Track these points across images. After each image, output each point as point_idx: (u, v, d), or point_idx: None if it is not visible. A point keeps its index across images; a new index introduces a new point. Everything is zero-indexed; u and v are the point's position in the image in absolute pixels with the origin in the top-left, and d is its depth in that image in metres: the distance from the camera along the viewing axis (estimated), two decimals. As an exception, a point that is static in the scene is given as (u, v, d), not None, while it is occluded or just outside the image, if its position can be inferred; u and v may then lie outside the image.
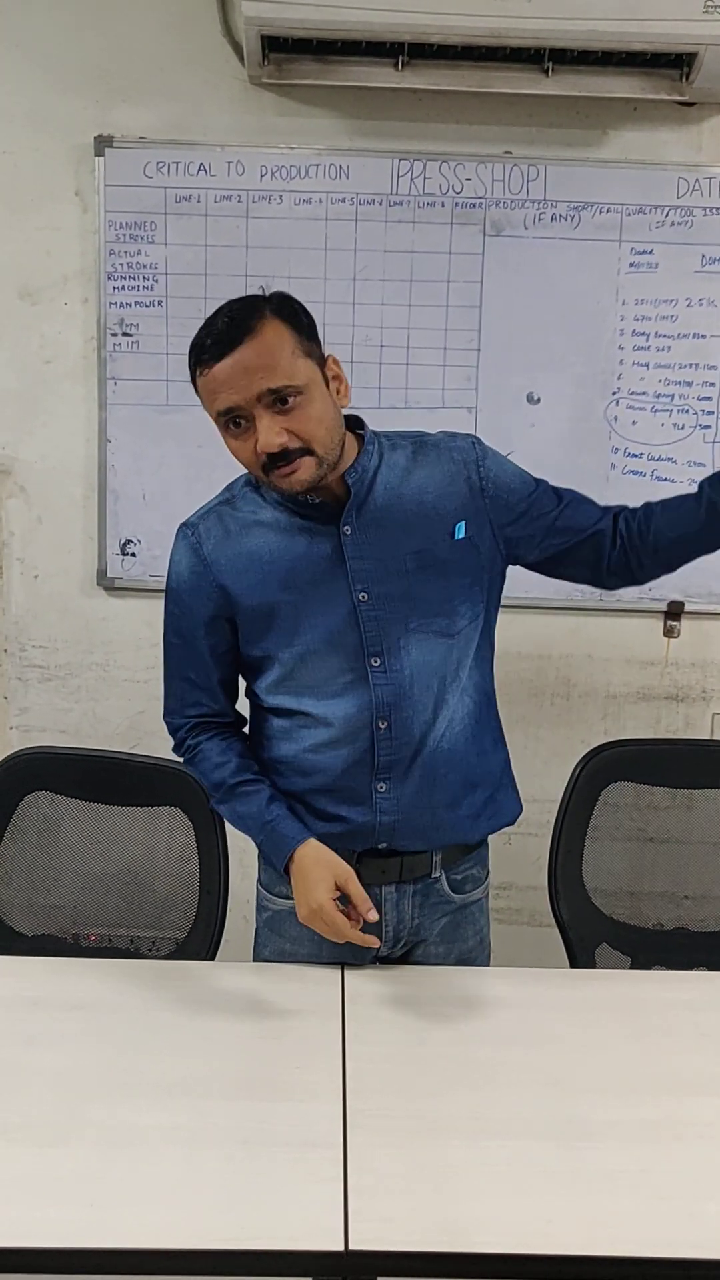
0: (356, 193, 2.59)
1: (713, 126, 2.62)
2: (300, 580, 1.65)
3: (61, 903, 2.02)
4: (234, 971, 1.76)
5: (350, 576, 1.64)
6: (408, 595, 1.64)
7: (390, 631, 1.65)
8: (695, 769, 2.13)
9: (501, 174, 2.59)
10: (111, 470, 2.71)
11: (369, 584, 1.64)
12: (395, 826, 1.69)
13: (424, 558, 1.64)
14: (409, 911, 1.75)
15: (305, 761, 1.70)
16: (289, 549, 1.65)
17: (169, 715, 1.81)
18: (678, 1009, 1.66)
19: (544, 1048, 1.54)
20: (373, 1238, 1.17)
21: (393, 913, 1.74)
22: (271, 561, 1.65)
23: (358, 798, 1.69)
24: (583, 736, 2.66)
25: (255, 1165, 1.28)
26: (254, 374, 1.49)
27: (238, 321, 1.51)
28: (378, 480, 1.65)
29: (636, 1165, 1.31)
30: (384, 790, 1.68)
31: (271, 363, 1.50)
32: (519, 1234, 1.19)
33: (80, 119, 2.59)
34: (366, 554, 1.64)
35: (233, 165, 2.58)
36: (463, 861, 1.77)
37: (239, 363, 1.50)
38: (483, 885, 1.83)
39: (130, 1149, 1.30)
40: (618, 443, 2.70)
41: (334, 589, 1.64)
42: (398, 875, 1.72)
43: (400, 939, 1.76)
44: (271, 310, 1.53)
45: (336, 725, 1.67)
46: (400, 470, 1.66)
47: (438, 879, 1.75)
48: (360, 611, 1.64)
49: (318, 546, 1.64)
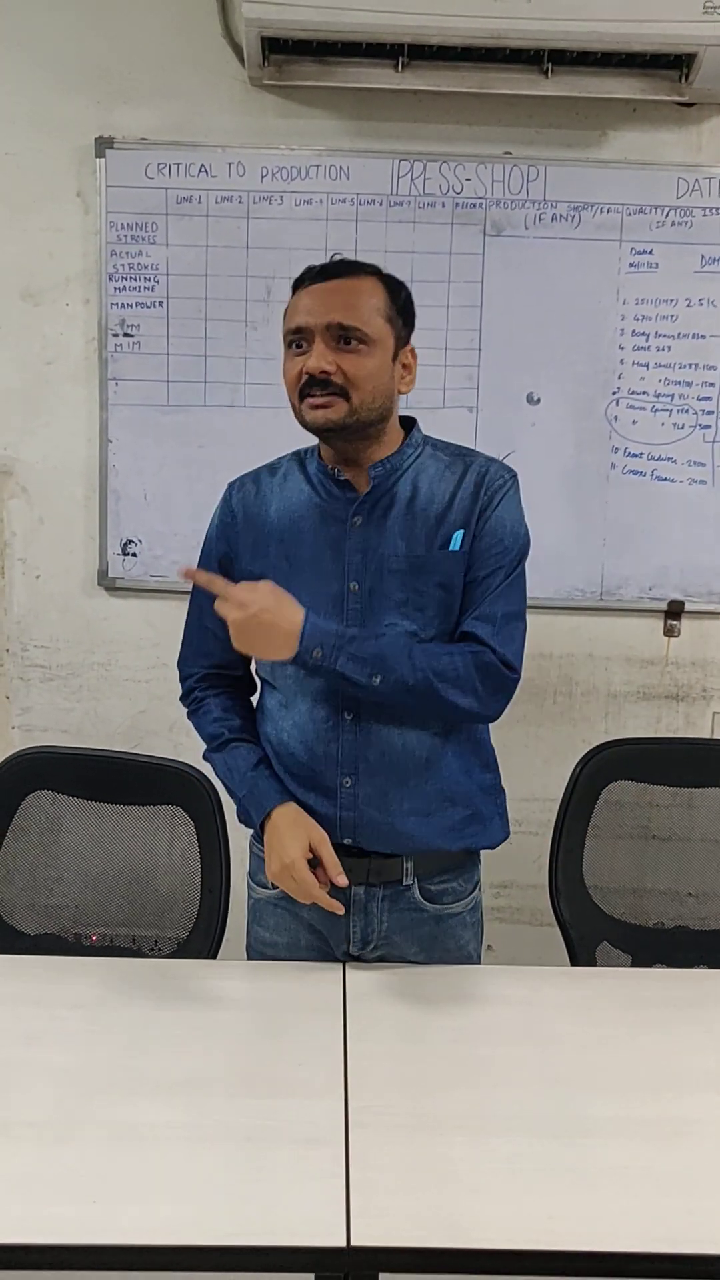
0: (357, 193, 2.60)
1: (712, 127, 2.62)
2: (300, 555, 1.69)
3: (63, 902, 2.02)
4: (235, 970, 1.77)
5: (346, 565, 1.67)
6: (389, 593, 1.67)
7: (370, 625, 1.67)
8: (696, 768, 2.13)
9: (501, 174, 2.59)
10: (113, 470, 2.72)
11: (361, 577, 1.67)
12: (357, 823, 1.70)
13: (411, 563, 1.67)
14: (378, 915, 1.75)
15: (281, 743, 1.73)
16: (300, 522, 1.70)
17: (182, 663, 1.86)
18: (678, 1006, 1.67)
19: (545, 1045, 1.55)
20: (375, 1233, 1.17)
21: (360, 914, 1.74)
22: (280, 528, 1.71)
23: (324, 788, 1.70)
24: (584, 735, 2.67)
25: (257, 1162, 1.28)
26: (332, 305, 1.59)
27: (345, 264, 1.65)
28: (402, 480, 1.69)
29: (637, 1161, 1.31)
30: (349, 785, 1.69)
31: (352, 302, 1.60)
32: (520, 1230, 1.19)
33: (81, 120, 2.60)
34: (367, 548, 1.67)
35: (233, 166, 2.59)
36: (440, 873, 1.77)
37: (326, 290, 1.61)
38: (466, 899, 1.80)
39: (133, 1146, 1.31)
40: (618, 442, 2.70)
41: (328, 573, 1.67)
42: (365, 877, 1.72)
43: (369, 941, 1.76)
44: (377, 275, 1.65)
45: (305, 709, 1.70)
46: (428, 477, 1.69)
47: (409, 886, 1.75)
48: (347, 601, 1.67)
49: (325, 529, 1.68)
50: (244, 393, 2.67)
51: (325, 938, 1.77)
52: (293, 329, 1.62)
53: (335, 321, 1.58)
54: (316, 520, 1.70)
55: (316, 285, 1.61)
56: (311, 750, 1.70)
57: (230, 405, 2.67)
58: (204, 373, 2.67)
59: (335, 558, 1.67)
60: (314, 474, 1.72)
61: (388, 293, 1.64)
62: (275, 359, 2.62)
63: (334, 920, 1.74)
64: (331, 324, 1.58)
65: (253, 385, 2.66)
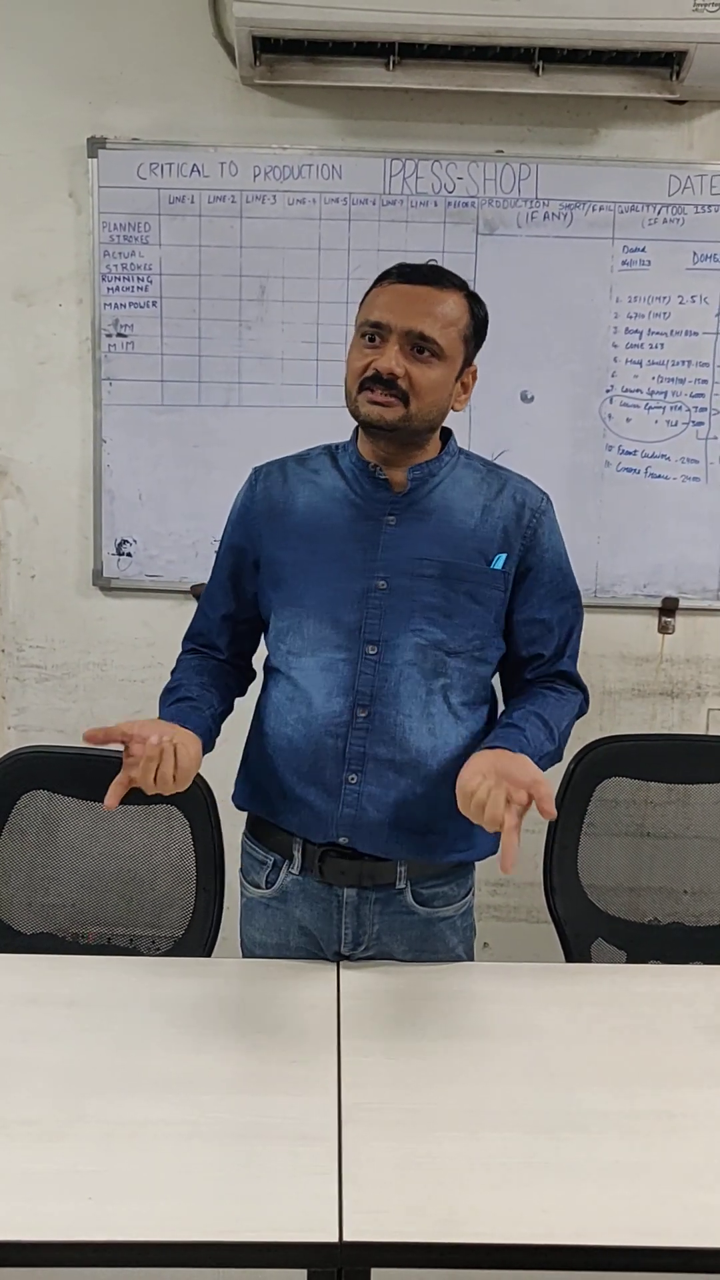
0: (349, 192, 2.60)
1: (703, 124, 2.63)
2: (327, 549, 1.69)
3: (60, 901, 2.03)
4: (230, 968, 1.77)
5: (376, 562, 1.68)
6: (418, 597, 1.67)
7: (392, 624, 1.67)
8: (690, 764, 2.13)
9: (493, 173, 2.60)
10: (107, 470, 2.72)
11: (390, 575, 1.67)
12: (356, 822, 1.69)
13: (444, 569, 1.68)
14: (369, 917, 1.75)
15: (284, 736, 1.73)
16: (331, 515, 1.70)
17: (184, 641, 1.87)
18: (672, 1002, 1.68)
19: (538, 1041, 1.55)
20: (367, 1229, 1.18)
21: (352, 916, 1.75)
22: (307, 519, 1.71)
23: (326, 784, 1.70)
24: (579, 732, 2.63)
25: (251, 1158, 1.29)
26: (415, 312, 1.60)
27: (440, 273, 1.65)
28: (439, 487, 1.71)
29: (630, 1156, 1.32)
30: (354, 781, 1.69)
31: (436, 313, 1.60)
32: (513, 1224, 1.20)
33: (73, 121, 2.60)
34: (398, 546, 1.68)
35: (226, 166, 2.60)
36: (432, 879, 1.77)
37: (416, 295, 1.61)
38: (458, 904, 1.80)
39: (128, 1143, 1.31)
40: (612, 440, 2.71)
41: (355, 568, 1.68)
42: (357, 880, 1.73)
43: (360, 942, 1.76)
44: (464, 291, 1.66)
45: (319, 702, 1.69)
46: (463, 487, 1.72)
47: (402, 890, 1.75)
48: (371, 597, 1.67)
49: (359, 525, 1.69)
50: (238, 392, 2.67)
51: (316, 938, 1.77)
52: (371, 321, 1.61)
53: (416, 329, 1.59)
54: (349, 515, 1.70)
55: (405, 285, 1.61)
56: (319, 744, 1.70)
57: (225, 405, 2.68)
58: (198, 372, 2.67)
59: (365, 553, 1.68)
60: (348, 469, 1.72)
61: (470, 312, 1.65)
62: (270, 358, 2.67)
63: (325, 921, 1.75)
64: (412, 330, 1.59)
65: (247, 385, 2.67)
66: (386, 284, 1.63)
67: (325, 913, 1.75)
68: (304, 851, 1.74)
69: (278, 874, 1.77)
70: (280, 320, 2.65)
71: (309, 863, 1.74)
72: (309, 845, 1.73)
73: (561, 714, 1.73)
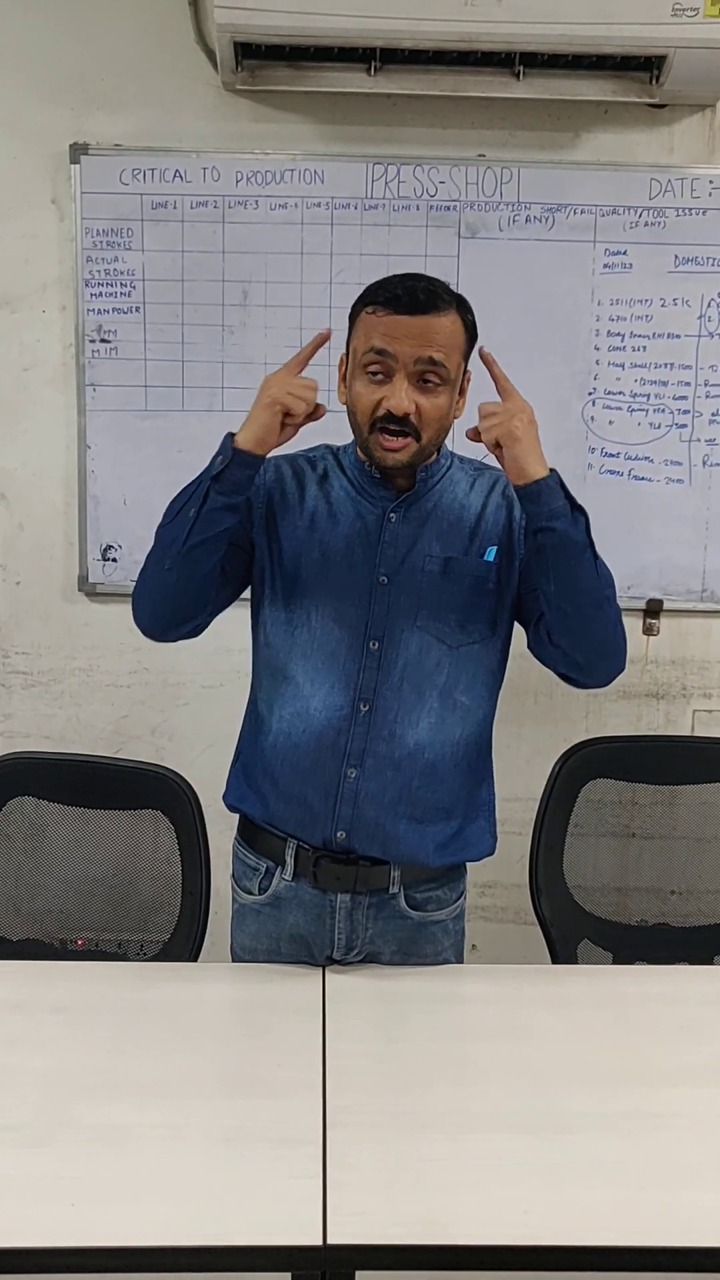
0: (332, 197, 2.61)
1: (683, 128, 2.64)
2: (332, 545, 1.70)
3: (48, 907, 2.03)
4: (215, 972, 1.77)
5: (378, 559, 1.69)
6: (421, 592, 1.69)
7: (396, 620, 1.69)
8: (676, 765, 2.14)
9: (475, 177, 2.60)
10: (92, 476, 2.72)
11: (392, 570, 1.69)
12: (354, 819, 1.70)
13: (449, 565, 1.70)
14: (363, 922, 1.75)
15: (282, 733, 1.72)
16: (335, 513, 1.72)
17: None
18: (656, 1002, 1.68)
19: (523, 1042, 1.56)
20: (351, 1232, 1.18)
21: (345, 921, 1.75)
22: (313, 516, 1.72)
23: (324, 780, 1.70)
24: (565, 734, 2.67)
25: (235, 1162, 1.29)
26: (426, 342, 1.58)
27: (436, 294, 1.60)
28: (439, 487, 1.73)
29: (614, 1156, 1.32)
30: (353, 777, 1.69)
31: (443, 342, 1.59)
32: (497, 1225, 1.20)
33: (55, 127, 2.60)
34: (400, 543, 1.70)
35: (208, 171, 2.60)
36: (425, 883, 1.77)
37: (420, 325, 1.58)
38: (450, 907, 1.81)
39: (112, 1148, 1.31)
40: (595, 443, 2.72)
41: (358, 564, 1.69)
42: (352, 885, 1.73)
43: (354, 948, 1.76)
44: (457, 306, 1.63)
45: (320, 697, 1.69)
46: (460, 488, 1.74)
47: (395, 894, 1.75)
48: (375, 593, 1.69)
49: (361, 522, 1.71)
50: (221, 397, 2.67)
51: (309, 944, 1.77)
52: (375, 349, 1.58)
53: (425, 357, 1.57)
54: (354, 512, 1.72)
55: (405, 317, 1.57)
56: (319, 739, 1.70)
57: (208, 410, 2.68)
58: (181, 378, 2.67)
59: (367, 550, 1.70)
60: (350, 468, 1.74)
61: (465, 327, 1.63)
62: (253, 363, 2.66)
63: (318, 926, 1.75)
64: (421, 358, 1.57)
65: (230, 390, 2.67)
66: (382, 313, 1.59)
67: (318, 918, 1.75)
68: (297, 857, 1.74)
69: (270, 880, 1.77)
70: (263, 325, 2.65)
71: (302, 868, 1.74)
72: (302, 850, 1.73)
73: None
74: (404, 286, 1.60)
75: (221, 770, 1.86)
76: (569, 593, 1.64)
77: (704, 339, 2.67)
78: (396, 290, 1.59)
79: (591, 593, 1.66)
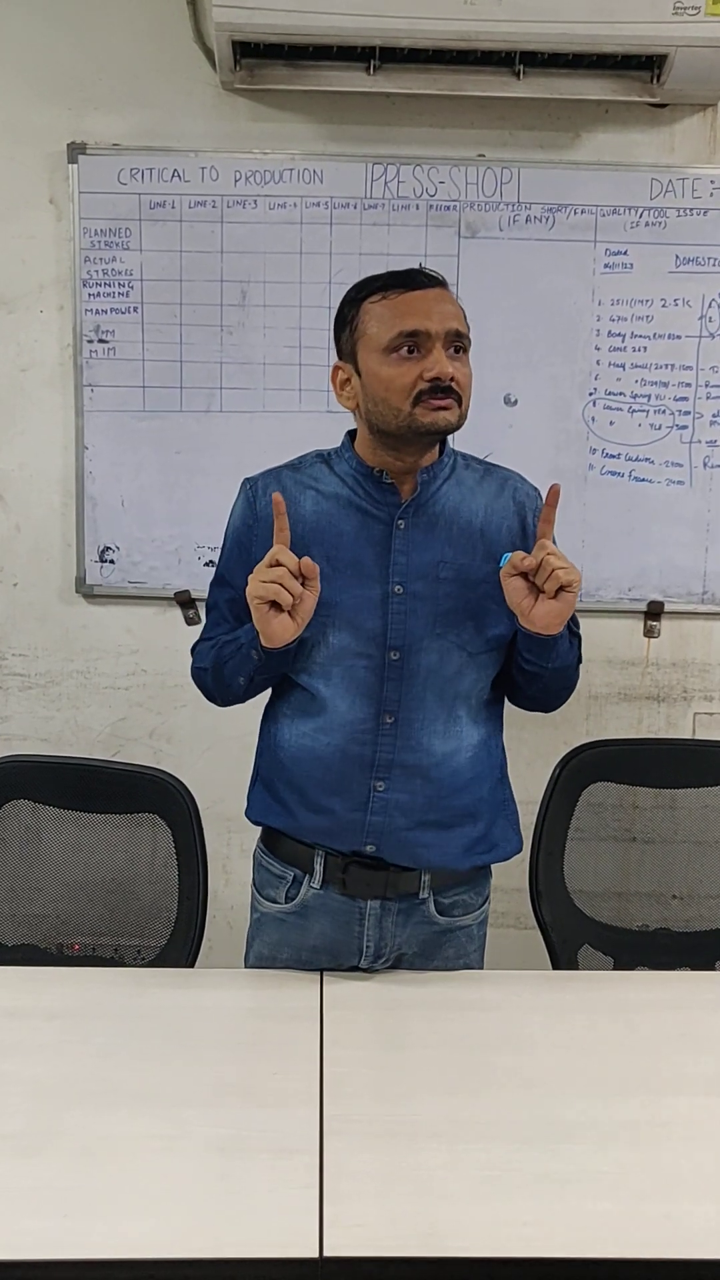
0: (331, 197, 2.60)
1: (684, 128, 2.63)
2: (341, 556, 1.67)
3: (44, 912, 2.01)
4: (212, 979, 1.76)
5: (391, 567, 1.66)
6: (438, 600, 1.67)
7: (415, 629, 1.66)
8: (677, 768, 2.13)
9: (475, 177, 2.59)
10: (89, 477, 2.71)
11: (406, 579, 1.66)
12: (383, 829, 1.69)
13: (461, 572, 1.68)
14: (391, 929, 1.74)
15: (304, 748, 1.71)
16: (340, 522, 1.68)
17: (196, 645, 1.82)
18: (658, 1009, 1.66)
19: (522, 1050, 1.54)
20: (347, 1244, 1.17)
21: (375, 928, 1.73)
22: (318, 527, 1.68)
23: (352, 792, 1.68)
24: (565, 737, 2.65)
25: (231, 1173, 1.27)
26: (448, 313, 1.61)
27: (431, 275, 1.64)
28: (443, 490, 1.70)
29: (615, 1166, 1.30)
30: (381, 789, 1.68)
31: (457, 311, 1.63)
32: (495, 1238, 1.18)
33: (53, 126, 2.59)
34: (410, 550, 1.67)
35: (206, 171, 2.58)
36: (454, 887, 1.76)
37: (438, 297, 1.61)
38: (475, 912, 1.80)
39: (106, 1158, 1.29)
40: (595, 443, 2.70)
41: (370, 574, 1.67)
42: (383, 891, 1.72)
43: (382, 955, 1.75)
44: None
45: (343, 710, 1.68)
46: (466, 488, 1.72)
47: (425, 900, 1.74)
48: (391, 602, 1.66)
49: (369, 530, 1.68)
50: (220, 398, 2.66)
51: (334, 954, 1.75)
52: (407, 332, 1.58)
53: (454, 329, 1.60)
54: (357, 521, 1.68)
55: (418, 292, 1.60)
56: (344, 751, 1.68)
57: (206, 410, 2.66)
58: (180, 378, 2.66)
59: (378, 559, 1.67)
60: (348, 474, 1.70)
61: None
62: (251, 363, 2.65)
63: (346, 933, 1.73)
64: (450, 331, 1.59)
65: (229, 390, 2.65)
66: (394, 295, 1.60)
67: (346, 925, 1.74)
68: (325, 864, 1.72)
69: (298, 888, 1.75)
70: (262, 325, 2.64)
71: (331, 875, 1.72)
72: (331, 857, 1.72)
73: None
74: (398, 271, 1.63)
75: (219, 773, 1.85)
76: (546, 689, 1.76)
77: (705, 340, 2.66)
78: (390, 280, 1.62)
79: (567, 686, 1.79)
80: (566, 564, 1.56)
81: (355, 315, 1.63)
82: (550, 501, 1.59)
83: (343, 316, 1.66)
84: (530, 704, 1.82)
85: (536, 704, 1.82)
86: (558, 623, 1.60)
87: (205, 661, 1.75)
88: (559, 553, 1.57)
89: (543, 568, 1.56)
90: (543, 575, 1.56)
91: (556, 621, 1.59)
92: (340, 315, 1.67)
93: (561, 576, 1.55)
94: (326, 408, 2.57)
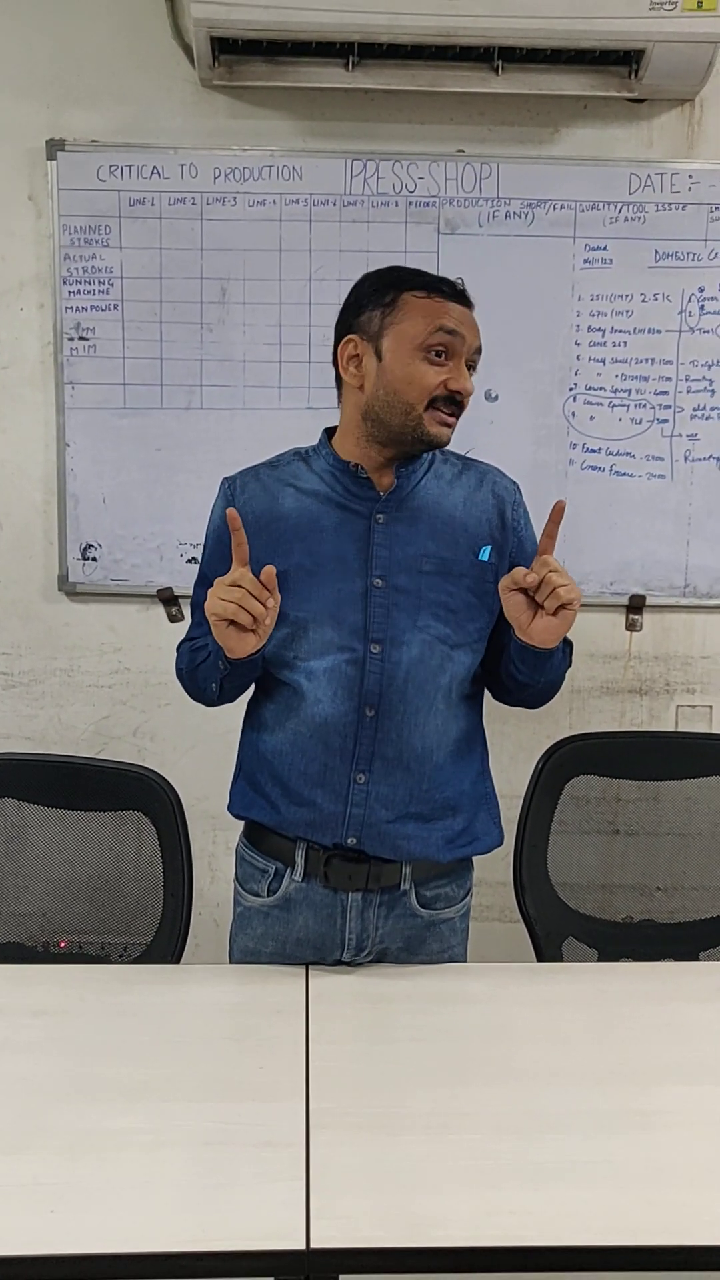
0: (310, 193, 2.59)
1: (662, 123, 2.64)
2: (322, 551, 1.68)
3: (30, 910, 2.01)
4: (197, 974, 1.76)
5: (371, 560, 1.67)
6: (419, 593, 1.68)
7: (397, 622, 1.67)
8: (660, 761, 2.13)
9: (454, 172, 2.60)
10: (71, 475, 2.70)
11: (386, 572, 1.67)
12: (365, 822, 1.70)
13: (443, 565, 1.69)
14: (374, 921, 1.75)
15: (288, 740, 1.72)
16: (320, 518, 1.69)
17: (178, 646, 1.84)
18: (640, 1000, 1.67)
19: (507, 1042, 1.55)
20: (334, 1235, 1.17)
21: (357, 920, 1.74)
22: (299, 524, 1.69)
23: (334, 785, 1.69)
24: (548, 731, 2.66)
25: (217, 1166, 1.27)
26: (475, 331, 1.67)
27: (465, 294, 1.69)
28: (422, 484, 1.72)
29: (599, 1156, 1.31)
30: (363, 782, 1.69)
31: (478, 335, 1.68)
32: (481, 1227, 1.19)
33: (31, 123, 2.58)
34: (391, 544, 1.68)
35: (186, 168, 2.58)
36: (435, 879, 1.77)
37: (470, 316, 1.67)
38: (457, 905, 1.81)
39: (92, 1154, 1.30)
40: (576, 438, 2.71)
41: (351, 569, 1.68)
42: (364, 883, 1.72)
43: (364, 948, 1.76)
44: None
45: (325, 703, 1.68)
46: (445, 482, 1.73)
47: (406, 892, 1.75)
48: (372, 595, 1.67)
49: (348, 525, 1.69)
50: (200, 394, 2.66)
51: (317, 946, 1.76)
52: (448, 329, 1.62)
53: (478, 346, 1.67)
54: (339, 515, 1.69)
55: (462, 308, 1.66)
56: (327, 744, 1.69)
57: (186, 408, 2.66)
58: (160, 375, 2.65)
59: (359, 553, 1.68)
60: (325, 471, 1.71)
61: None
62: (231, 360, 2.65)
63: (329, 926, 1.74)
64: (473, 348, 1.66)
65: (209, 387, 2.65)
66: (438, 298, 1.64)
67: (329, 918, 1.74)
68: (307, 857, 1.73)
69: (280, 881, 1.76)
70: (242, 322, 2.63)
71: (313, 868, 1.73)
72: (313, 850, 1.73)
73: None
74: (439, 279, 1.67)
75: (203, 770, 1.85)
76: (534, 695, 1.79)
77: (684, 334, 2.67)
78: (436, 281, 1.66)
79: (554, 691, 1.81)
80: (568, 581, 1.57)
81: (395, 300, 1.64)
82: (554, 518, 1.60)
83: (374, 295, 1.66)
84: (515, 704, 1.84)
85: (522, 705, 1.84)
86: (555, 639, 1.62)
87: (183, 664, 1.79)
88: (561, 569, 1.58)
89: (544, 585, 1.57)
90: (544, 592, 1.57)
91: (554, 638, 1.61)
92: (369, 292, 1.67)
93: (563, 595, 1.57)
94: (307, 404, 2.57)
